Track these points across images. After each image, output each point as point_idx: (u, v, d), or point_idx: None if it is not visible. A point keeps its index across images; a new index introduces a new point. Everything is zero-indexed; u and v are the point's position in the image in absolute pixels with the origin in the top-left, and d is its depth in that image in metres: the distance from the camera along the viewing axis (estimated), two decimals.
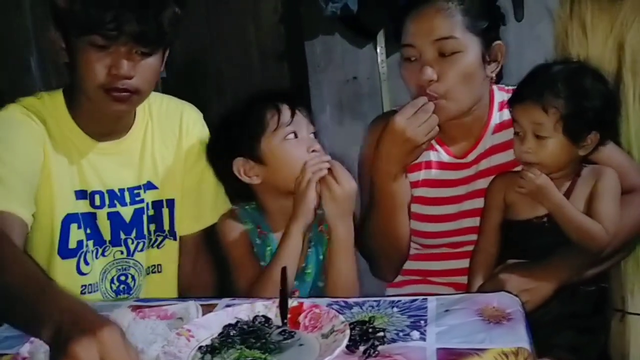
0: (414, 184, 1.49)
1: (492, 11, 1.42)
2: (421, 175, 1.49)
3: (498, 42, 1.41)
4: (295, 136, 1.36)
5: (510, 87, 1.47)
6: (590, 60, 1.82)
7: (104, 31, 1.23)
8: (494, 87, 1.50)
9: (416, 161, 1.48)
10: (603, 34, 1.84)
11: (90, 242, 1.40)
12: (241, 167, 1.38)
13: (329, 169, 1.31)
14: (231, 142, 1.39)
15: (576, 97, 1.28)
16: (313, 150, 1.35)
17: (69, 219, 1.37)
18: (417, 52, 1.37)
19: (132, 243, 1.45)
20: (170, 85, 1.37)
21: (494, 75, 1.42)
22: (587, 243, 1.29)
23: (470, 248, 1.44)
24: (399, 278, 1.58)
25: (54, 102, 1.38)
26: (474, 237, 1.43)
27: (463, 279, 1.48)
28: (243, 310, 1.06)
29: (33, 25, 2.14)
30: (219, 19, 2.29)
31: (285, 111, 1.36)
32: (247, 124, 1.37)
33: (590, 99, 1.29)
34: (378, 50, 2.26)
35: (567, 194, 1.33)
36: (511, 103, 1.37)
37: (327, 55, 2.33)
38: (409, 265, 1.55)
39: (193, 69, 2.16)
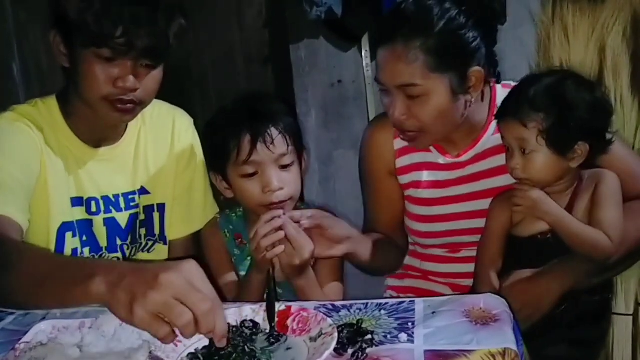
0: (406, 185, 1.50)
1: (467, 39, 1.31)
2: (414, 176, 1.49)
3: (475, 68, 1.32)
4: (253, 174, 1.32)
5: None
6: (573, 63, 1.85)
7: (113, 45, 1.21)
8: (497, 85, 1.45)
9: (409, 163, 1.49)
10: (585, 37, 1.87)
11: (86, 249, 1.39)
12: (213, 178, 1.41)
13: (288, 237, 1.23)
14: (206, 155, 1.43)
15: (556, 109, 1.24)
16: (269, 190, 1.31)
17: (64, 228, 1.36)
18: (385, 88, 1.36)
19: (128, 249, 1.44)
20: None
21: (473, 100, 1.36)
22: (592, 254, 1.27)
23: (469, 252, 1.44)
24: (400, 270, 1.58)
25: (49, 108, 1.37)
26: (472, 238, 1.43)
27: (462, 281, 1.49)
28: (230, 314, 1.05)
29: (15, 31, 2.12)
30: (203, 22, 2.29)
31: (245, 146, 1.30)
32: (215, 145, 1.36)
33: (572, 109, 1.25)
34: (363, 54, 2.27)
35: (570, 207, 1.30)
36: (496, 119, 1.35)
37: (311, 59, 2.33)
38: (409, 261, 1.56)
39: (177, 73, 2.15)
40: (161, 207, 1.48)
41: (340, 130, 2.36)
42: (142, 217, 1.46)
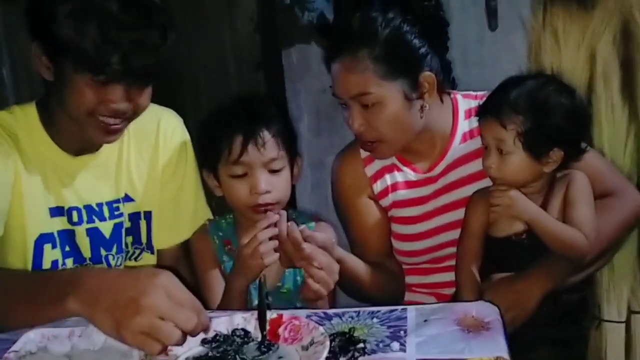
0: (388, 207, 1.50)
1: (414, 45, 1.33)
2: (393, 197, 1.49)
3: (425, 73, 1.34)
4: (242, 175, 1.33)
5: (479, 93, 1.46)
6: (563, 69, 1.86)
7: (110, 71, 1.18)
8: (458, 95, 1.47)
9: (385, 186, 1.49)
10: (575, 44, 1.88)
11: (69, 260, 1.36)
12: (205, 175, 1.42)
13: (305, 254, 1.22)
14: (199, 151, 1.44)
15: (535, 114, 1.27)
16: (256, 192, 1.32)
17: (42, 239, 1.33)
18: (343, 101, 1.37)
19: (114, 259, 1.41)
20: None
21: (428, 105, 1.38)
22: (569, 252, 1.29)
23: (452, 262, 1.44)
24: None
25: (27, 116, 1.33)
26: (454, 249, 1.43)
27: (445, 291, 1.49)
28: (222, 323, 1.05)
29: (4, 34, 2.10)
30: (194, 27, 2.28)
31: (236, 147, 1.31)
32: (208, 143, 1.37)
33: (551, 115, 1.27)
34: None
35: (543, 207, 1.32)
36: (477, 117, 1.36)
37: (303, 64, 2.33)
38: None
39: (169, 77, 2.15)
40: (148, 215, 1.45)
41: (332, 136, 2.35)
42: (127, 224, 1.43)
